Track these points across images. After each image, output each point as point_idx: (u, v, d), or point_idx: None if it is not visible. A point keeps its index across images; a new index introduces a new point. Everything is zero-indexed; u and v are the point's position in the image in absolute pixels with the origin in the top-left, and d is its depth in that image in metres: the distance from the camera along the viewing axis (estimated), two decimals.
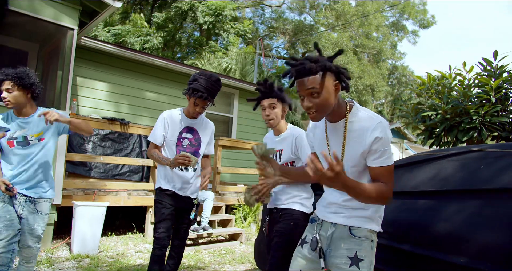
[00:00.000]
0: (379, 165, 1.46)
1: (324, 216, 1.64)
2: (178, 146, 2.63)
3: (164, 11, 14.92)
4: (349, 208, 1.56)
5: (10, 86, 2.34)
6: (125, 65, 6.77)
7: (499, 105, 4.11)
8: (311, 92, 1.44)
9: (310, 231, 1.70)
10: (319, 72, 1.43)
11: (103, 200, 4.58)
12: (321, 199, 1.72)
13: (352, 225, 1.54)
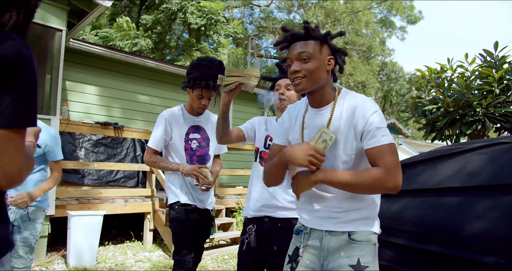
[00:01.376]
0: (374, 145, 1.26)
1: (313, 224, 1.41)
2: (187, 150, 2.34)
3: (152, 13, 14.71)
4: (344, 211, 1.35)
5: None
6: (116, 67, 6.57)
7: (502, 96, 4.05)
8: (302, 57, 1.32)
9: (295, 243, 1.48)
10: (315, 40, 1.34)
11: (99, 208, 4.39)
12: (302, 202, 1.47)
13: (351, 230, 1.33)
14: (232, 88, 1.74)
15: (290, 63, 1.37)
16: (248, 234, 1.95)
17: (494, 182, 1.63)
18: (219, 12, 13.11)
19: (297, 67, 1.32)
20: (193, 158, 2.35)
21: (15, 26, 0.86)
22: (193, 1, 13.03)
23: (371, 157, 1.27)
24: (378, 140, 1.25)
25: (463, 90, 4.24)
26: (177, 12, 13.10)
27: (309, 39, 1.35)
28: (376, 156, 1.25)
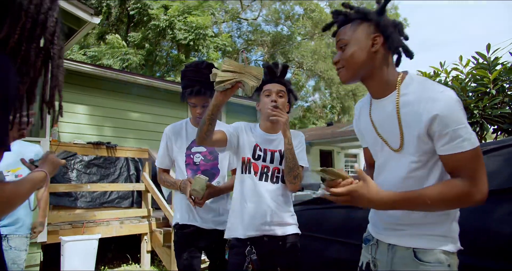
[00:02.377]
0: (451, 151, 1.03)
1: (378, 235, 1.25)
2: (189, 165, 2.13)
3: (140, 31, 14.73)
4: (413, 224, 1.14)
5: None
6: (106, 86, 6.47)
7: (498, 97, 4.03)
8: (339, 45, 1.18)
9: (365, 255, 1.31)
10: (352, 21, 1.17)
11: (93, 232, 4.22)
12: (371, 212, 1.34)
13: (417, 247, 1.12)
14: (227, 88, 1.45)
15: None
16: (249, 257, 1.72)
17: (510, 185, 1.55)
18: (207, 26, 13.17)
19: (336, 58, 1.19)
20: (197, 173, 2.11)
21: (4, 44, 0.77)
22: (180, 17, 13.07)
23: (449, 165, 1.06)
24: (455, 146, 1.03)
25: (459, 93, 4.21)
26: (166, 28, 13.12)
27: (346, 23, 1.19)
28: (456, 165, 1.04)
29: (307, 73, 22.83)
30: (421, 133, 1.07)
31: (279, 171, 1.82)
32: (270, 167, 1.84)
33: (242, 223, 1.77)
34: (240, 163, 1.84)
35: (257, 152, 1.84)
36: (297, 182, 1.77)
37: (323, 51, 20.25)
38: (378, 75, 1.17)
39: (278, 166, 1.83)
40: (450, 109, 1.02)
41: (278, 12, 23.66)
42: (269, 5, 23.94)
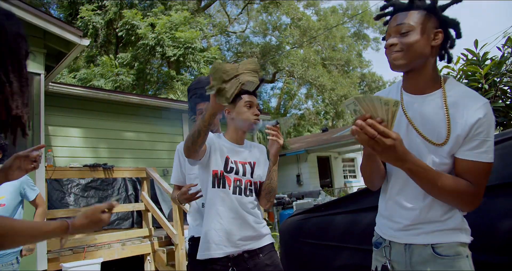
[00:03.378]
0: (473, 158, 1.09)
1: (392, 236, 1.24)
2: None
3: (129, 50, 14.78)
4: (427, 222, 1.16)
5: None
6: (98, 107, 6.44)
7: (491, 92, 4.06)
8: (401, 30, 1.14)
9: (378, 258, 1.29)
10: (420, 10, 1.15)
11: (95, 256, 4.13)
12: (379, 214, 1.33)
13: (435, 242, 1.14)
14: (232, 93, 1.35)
15: (387, 38, 1.19)
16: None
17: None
18: (195, 40, 13.24)
19: (394, 41, 1.15)
20: None
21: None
22: (167, 34, 13.14)
23: (461, 168, 1.12)
24: (478, 155, 1.10)
25: None
26: (155, 46, 13.17)
27: (412, 9, 1.17)
28: (469, 170, 1.10)
29: (298, 82, 22.97)
30: (462, 133, 1.11)
31: (251, 184, 1.77)
32: (243, 180, 1.76)
33: (219, 241, 1.66)
34: (211, 176, 1.71)
35: (229, 165, 1.75)
36: (272, 200, 1.79)
37: (313, 59, 20.41)
38: (427, 69, 1.17)
39: (250, 179, 1.78)
40: (489, 120, 1.09)
41: (266, 23, 23.93)
42: (256, 17, 24.22)
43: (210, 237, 1.65)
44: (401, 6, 1.18)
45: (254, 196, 1.78)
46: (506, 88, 4.22)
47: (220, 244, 1.64)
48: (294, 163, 14.35)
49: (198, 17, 16.12)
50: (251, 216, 1.72)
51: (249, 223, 1.70)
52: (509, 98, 4.28)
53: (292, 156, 14.17)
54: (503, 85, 4.20)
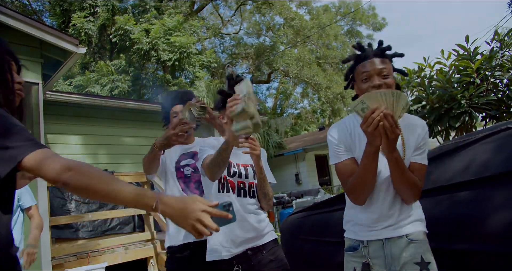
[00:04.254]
0: (420, 161, 1.47)
1: (370, 236, 1.49)
2: (181, 178, 2.08)
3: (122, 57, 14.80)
4: (400, 218, 1.48)
5: None
6: (96, 113, 6.48)
7: (483, 86, 4.13)
8: (383, 73, 1.46)
9: (354, 260, 1.51)
10: (388, 59, 1.50)
11: (99, 261, 4.17)
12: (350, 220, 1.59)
13: (409, 233, 1.45)
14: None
15: (368, 77, 1.48)
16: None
17: (507, 168, 1.60)
18: (190, 45, 13.29)
19: (380, 82, 1.45)
20: (190, 185, 2.08)
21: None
22: (162, 39, 13.19)
23: (413, 168, 1.46)
24: (423, 159, 1.48)
25: (445, 85, 4.30)
26: (149, 50, 13.21)
27: (384, 57, 1.49)
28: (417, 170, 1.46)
29: (294, 81, 23.05)
30: (415, 145, 1.47)
31: (254, 185, 1.84)
32: (246, 182, 1.84)
33: (225, 243, 1.74)
34: (216, 182, 1.79)
35: (232, 169, 1.82)
36: (271, 203, 1.85)
37: (307, 58, 20.49)
38: None
39: (253, 180, 1.84)
40: (427, 134, 1.51)
41: (259, 24, 23.99)
42: (249, 18, 24.28)
43: (217, 240, 1.73)
44: (378, 53, 1.50)
45: (256, 197, 1.85)
46: (497, 81, 4.30)
47: (226, 246, 1.72)
48: (292, 162, 14.40)
49: (191, 20, 16.15)
50: (253, 216, 1.79)
51: (252, 224, 1.76)
52: (500, 92, 4.36)
53: (290, 155, 14.22)
54: (494, 79, 4.28)
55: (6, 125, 0.93)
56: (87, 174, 0.96)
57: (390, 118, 1.23)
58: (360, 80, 1.51)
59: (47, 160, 0.94)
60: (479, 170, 1.70)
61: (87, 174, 0.96)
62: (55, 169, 0.93)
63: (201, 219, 0.98)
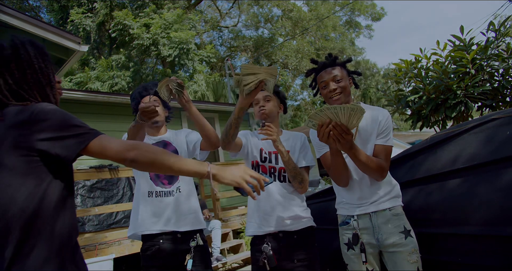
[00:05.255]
0: (383, 143, 1.78)
1: (359, 211, 1.80)
2: None
3: (122, 52, 14.81)
4: (382, 194, 1.79)
5: None
6: (98, 109, 6.56)
7: (478, 76, 4.20)
8: (336, 79, 1.79)
9: (345, 233, 1.83)
10: (339, 66, 1.84)
11: (107, 253, 4.30)
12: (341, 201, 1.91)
13: (390, 206, 1.77)
14: (252, 89, 1.57)
15: (325, 85, 1.82)
16: (265, 254, 1.88)
17: (494, 157, 1.69)
18: (190, 41, 13.31)
19: (335, 86, 1.79)
20: (160, 174, 2.09)
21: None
22: (162, 33, 13.21)
23: (377, 150, 1.77)
24: (386, 141, 1.78)
25: (441, 76, 4.37)
26: (150, 46, 13.24)
27: (335, 65, 1.83)
28: (380, 152, 1.77)
29: (293, 73, 23.05)
30: (377, 131, 1.80)
31: (285, 170, 1.98)
32: (277, 167, 2.01)
33: (257, 221, 1.96)
34: (250, 166, 2.02)
35: (263, 155, 2.03)
36: (303, 186, 1.96)
37: (306, 49, 20.47)
38: (350, 100, 1.87)
39: (283, 166, 1.98)
40: (389, 121, 1.81)
41: (257, 16, 23.90)
42: (247, 10, 24.18)
43: (251, 218, 2.00)
44: (328, 64, 1.84)
45: (289, 182, 2.00)
46: (493, 71, 4.36)
47: (259, 224, 1.95)
48: None
49: (189, 14, 16.12)
50: (285, 199, 1.95)
51: (283, 205, 1.94)
52: (496, 81, 4.43)
53: None
54: (490, 69, 4.35)
55: (68, 118, 1.06)
56: (150, 150, 1.11)
57: (338, 128, 1.50)
58: (321, 88, 1.85)
59: (110, 143, 1.08)
60: (467, 158, 1.79)
61: (151, 150, 1.11)
62: (120, 149, 1.08)
63: (248, 171, 1.22)
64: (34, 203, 0.99)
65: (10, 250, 0.94)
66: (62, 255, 1.02)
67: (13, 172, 0.99)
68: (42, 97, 1.15)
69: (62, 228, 1.04)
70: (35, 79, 1.14)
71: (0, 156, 0.99)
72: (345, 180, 1.80)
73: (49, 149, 1.02)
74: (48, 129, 1.02)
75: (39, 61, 1.16)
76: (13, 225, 0.96)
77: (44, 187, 1.02)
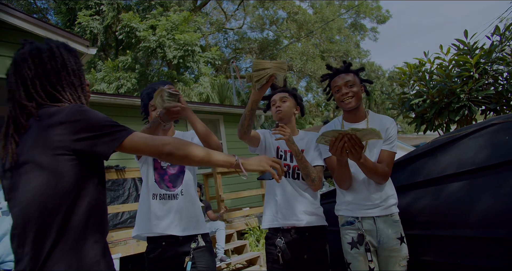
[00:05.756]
0: (388, 149, 1.92)
1: (364, 213, 1.90)
2: (157, 169, 2.10)
3: (129, 53, 14.94)
4: (384, 200, 1.91)
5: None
6: (105, 111, 6.63)
7: (482, 80, 4.22)
8: (349, 84, 1.94)
9: (350, 232, 1.92)
10: (352, 73, 2.00)
11: (113, 252, 4.37)
12: (344, 202, 2.00)
13: (391, 213, 1.90)
14: (263, 83, 1.69)
15: (338, 89, 1.97)
16: (278, 247, 2.00)
17: (492, 161, 1.73)
18: (196, 43, 13.40)
19: (347, 90, 1.93)
20: (165, 177, 2.09)
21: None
22: (168, 35, 13.31)
23: (382, 156, 1.92)
24: (391, 148, 1.92)
25: (444, 79, 4.40)
26: (156, 48, 13.34)
27: (348, 72, 1.99)
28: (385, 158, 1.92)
29: (298, 75, 23.09)
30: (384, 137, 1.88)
31: (299, 168, 2.08)
32: (291, 165, 2.12)
33: (272, 214, 2.09)
34: None
35: (279, 153, 2.17)
36: (316, 183, 2.06)
37: (311, 52, 20.50)
38: (361, 107, 2.03)
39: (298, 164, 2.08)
40: (395, 126, 1.94)
41: (262, 18, 23.98)
42: (253, 12, 24.27)
43: (267, 211, 2.13)
44: (342, 70, 2.01)
45: (302, 179, 2.10)
46: (497, 75, 4.38)
47: (273, 218, 2.08)
48: None
49: (195, 16, 16.23)
50: (297, 196, 2.07)
51: (296, 201, 2.05)
52: (500, 85, 4.45)
53: None
54: (494, 73, 4.37)
55: (101, 117, 1.11)
56: (183, 143, 1.18)
57: (352, 141, 1.63)
58: (334, 92, 2.00)
59: (145, 139, 1.15)
60: (467, 163, 1.83)
61: (184, 144, 1.18)
62: (156, 144, 1.15)
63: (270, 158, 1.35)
64: (69, 200, 1.04)
65: (48, 245, 0.99)
66: (96, 247, 1.08)
67: (49, 171, 1.03)
68: (74, 98, 1.20)
69: (95, 224, 1.09)
70: (68, 81, 1.19)
71: (35, 155, 1.03)
72: (348, 185, 1.95)
73: (86, 148, 1.07)
74: (83, 129, 1.07)
75: (72, 63, 1.21)
76: (49, 222, 1.01)
77: (79, 184, 1.07)
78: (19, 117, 1.10)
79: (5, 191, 1.11)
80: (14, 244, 1.04)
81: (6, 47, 4.18)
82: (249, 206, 7.21)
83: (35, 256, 0.99)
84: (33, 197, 1.02)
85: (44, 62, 1.16)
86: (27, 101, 1.11)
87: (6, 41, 4.20)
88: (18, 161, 1.05)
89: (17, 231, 1.03)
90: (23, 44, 1.19)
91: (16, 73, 1.14)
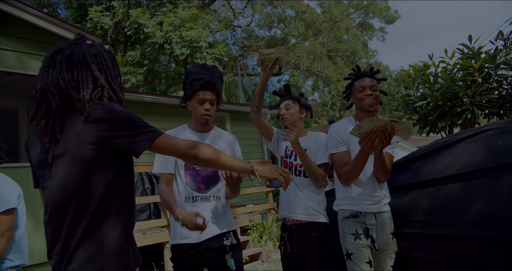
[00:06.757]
0: (391, 152, 2.14)
1: (366, 209, 2.07)
2: (189, 169, 2.01)
3: (137, 49, 15.06)
4: (382, 197, 2.11)
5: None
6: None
7: (485, 84, 4.27)
8: (374, 88, 2.14)
9: (355, 224, 2.06)
10: (376, 80, 2.20)
11: None
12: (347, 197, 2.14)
13: (387, 210, 2.11)
14: (270, 65, 1.97)
15: (362, 89, 2.14)
16: (282, 241, 2.29)
17: (486, 164, 1.82)
18: (204, 39, 13.46)
19: (371, 92, 2.13)
20: (197, 179, 2.01)
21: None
22: (175, 32, 13.39)
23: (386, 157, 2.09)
24: (392, 151, 2.18)
25: (448, 83, 4.46)
26: (163, 44, 13.43)
27: (373, 78, 2.19)
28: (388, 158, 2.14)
29: (304, 74, 23.10)
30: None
31: (301, 166, 2.28)
32: (294, 163, 2.32)
33: (286, 208, 2.31)
34: (279, 161, 2.44)
35: (287, 152, 2.40)
36: (319, 182, 2.23)
37: (318, 51, 20.49)
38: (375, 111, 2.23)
39: (300, 162, 2.27)
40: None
41: (270, 16, 23.99)
42: (261, 10, 24.29)
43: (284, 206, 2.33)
44: (369, 74, 2.20)
45: (303, 177, 2.29)
46: (501, 79, 4.43)
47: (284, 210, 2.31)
48: None
49: (204, 14, 16.31)
50: (299, 192, 2.25)
51: (296, 197, 2.24)
52: (504, 90, 4.49)
53: None
54: (498, 77, 4.42)
55: (135, 118, 1.18)
56: (208, 148, 1.28)
57: (386, 132, 1.74)
58: (356, 91, 2.16)
59: (174, 140, 1.24)
60: (462, 166, 1.92)
61: (208, 148, 1.28)
62: (184, 146, 1.24)
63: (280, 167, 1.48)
64: (102, 191, 1.14)
65: (79, 232, 1.10)
66: (125, 236, 1.19)
67: (85, 163, 1.12)
68: (112, 97, 1.26)
69: (124, 214, 1.19)
70: (108, 81, 1.27)
71: (72, 148, 1.12)
72: (355, 179, 2.11)
73: (120, 145, 1.15)
74: (119, 127, 1.14)
75: (113, 64, 1.30)
76: (83, 211, 1.11)
77: (112, 178, 1.16)
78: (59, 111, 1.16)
79: (41, 179, 1.21)
80: (49, 229, 1.15)
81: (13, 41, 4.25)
82: (253, 203, 7.32)
83: (68, 240, 1.10)
84: (69, 187, 1.12)
85: (114, 63, 1.28)
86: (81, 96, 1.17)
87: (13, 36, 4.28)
88: (55, 152, 1.14)
89: (53, 217, 1.14)
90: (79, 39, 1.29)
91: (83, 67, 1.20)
